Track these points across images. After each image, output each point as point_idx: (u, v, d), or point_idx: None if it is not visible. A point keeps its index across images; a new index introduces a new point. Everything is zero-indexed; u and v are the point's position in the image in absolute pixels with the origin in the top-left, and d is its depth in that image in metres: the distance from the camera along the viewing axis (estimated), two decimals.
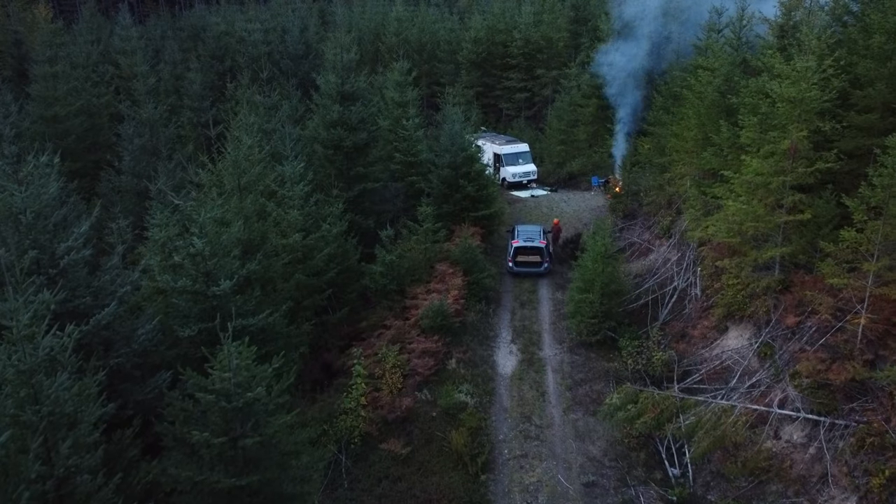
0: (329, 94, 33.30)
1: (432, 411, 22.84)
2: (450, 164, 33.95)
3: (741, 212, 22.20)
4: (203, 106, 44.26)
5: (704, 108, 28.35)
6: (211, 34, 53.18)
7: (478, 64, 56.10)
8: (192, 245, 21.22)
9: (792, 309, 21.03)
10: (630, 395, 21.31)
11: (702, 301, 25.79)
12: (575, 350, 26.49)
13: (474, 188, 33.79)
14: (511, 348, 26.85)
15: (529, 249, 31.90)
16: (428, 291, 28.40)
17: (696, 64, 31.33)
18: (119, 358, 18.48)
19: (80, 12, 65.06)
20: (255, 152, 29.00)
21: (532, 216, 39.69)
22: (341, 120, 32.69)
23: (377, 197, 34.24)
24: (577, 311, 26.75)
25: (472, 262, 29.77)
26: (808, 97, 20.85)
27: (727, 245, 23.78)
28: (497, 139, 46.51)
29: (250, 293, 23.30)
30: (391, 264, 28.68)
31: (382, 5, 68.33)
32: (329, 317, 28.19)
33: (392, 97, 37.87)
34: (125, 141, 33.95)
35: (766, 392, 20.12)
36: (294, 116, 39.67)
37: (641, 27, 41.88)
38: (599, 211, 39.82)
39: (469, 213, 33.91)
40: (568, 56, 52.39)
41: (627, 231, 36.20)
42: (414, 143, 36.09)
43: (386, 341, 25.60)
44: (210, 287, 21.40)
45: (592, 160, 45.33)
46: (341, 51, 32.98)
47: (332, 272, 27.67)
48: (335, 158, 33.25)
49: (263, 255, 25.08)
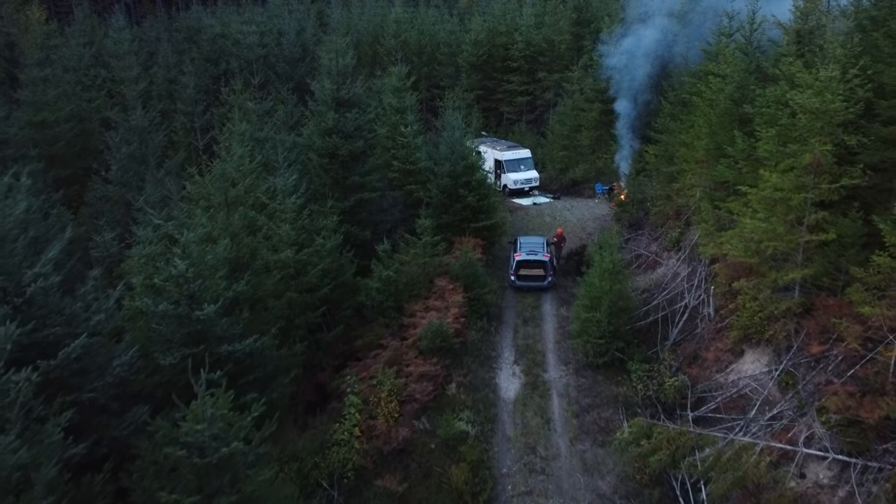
0: (324, 101, 31.64)
1: (431, 442, 21.24)
2: (449, 173, 32.29)
3: (759, 230, 20.57)
4: (196, 110, 42.67)
5: (716, 117, 26.71)
6: (205, 36, 51.44)
7: (478, 67, 54.39)
8: (174, 266, 19.65)
9: (816, 335, 19.41)
10: (643, 429, 19.68)
11: (715, 321, 24.16)
12: (581, 372, 24.87)
13: (475, 198, 32.14)
14: (514, 370, 25.23)
15: (532, 263, 30.25)
16: (427, 308, 26.79)
17: (706, 69, 29.67)
18: (92, 392, 16.87)
19: (76, 14, 63.41)
20: (245, 162, 27.42)
21: (534, 225, 38.06)
22: (337, 127, 31.06)
23: (374, 207, 32.63)
24: (583, 331, 25.13)
25: (473, 277, 28.15)
26: (832, 108, 19.22)
27: (743, 264, 22.11)
28: (498, 144, 44.83)
29: (238, 315, 21.72)
30: (388, 280, 27.08)
31: (381, 7, 66.56)
32: (323, 335, 26.60)
33: (390, 103, 36.21)
34: (112, 149, 32.26)
35: (789, 426, 18.49)
36: (289, 122, 38.10)
37: (647, 30, 40.29)
38: (604, 220, 38.20)
39: (469, 224, 32.27)
40: (570, 59, 50.72)
41: (633, 241, 34.57)
42: (412, 151, 34.47)
43: (382, 363, 24.00)
44: (194, 311, 19.83)
45: (596, 166, 43.71)
46: (337, 55, 31.30)
47: (326, 288, 26.11)
48: (330, 167, 31.64)
49: (253, 274, 23.51)
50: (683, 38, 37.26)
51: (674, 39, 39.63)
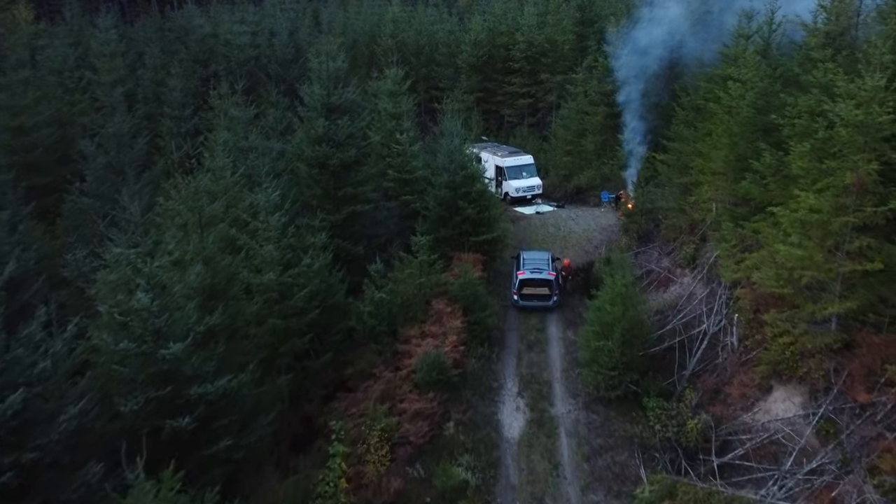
0: (314, 107, 29.17)
1: (426, 494, 18.87)
2: (448, 184, 29.85)
3: (793, 256, 18.14)
4: (184, 115, 40.15)
5: (737, 126, 24.26)
6: (194, 37, 48.86)
7: (478, 68, 51.82)
8: (137, 299, 17.25)
9: (860, 378, 17.03)
10: (665, 487, 17.30)
11: (739, 353, 21.76)
12: (591, 407, 22.48)
13: (475, 210, 29.69)
14: (518, 403, 22.83)
15: (537, 282, 27.81)
16: (423, 334, 24.41)
17: (724, 74, 27.19)
18: (34, 452, 14.49)
19: (64, 14, 60.78)
20: (227, 175, 24.98)
21: (537, 237, 35.61)
22: (327, 135, 28.64)
23: (368, 219, 30.21)
24: (593, 360, 22.73)
25: (473, 299, 25.75)
26: (878, 122, 16.79)
27: (773, 293, 19.67)
28: (499, 150, 42.32)
29: (212, 349, 19.33)
30: (381, 303, 24.66)
31: (378, 6, 63.92)
32: (311, 362, 24.23)
33: (385, 108, 33.73)
34: (88, 158, 29.78)
35: (833, 485, 16.10)
36: (279, 128, 35.63)
37: (657, 29, 37.82)
38: (611, 231, 35.73)
39: (469, 238, 29.85)
40: (574, 60, 48.19)
41: (643, 255, 32.14)
42: (409, 159, 32.01)
43: (373, 399, 21.58)
44: (159, 349, 17.45)
45: (601, 172, 41.22)
46: (327, 58, 28.82)
47: (313, 312, 23.73)
48: (321, 178, 29.22)
49: (232, 300, 21.11)
50: (697, 38, 34.75)
51: (686, 40, 37.21)
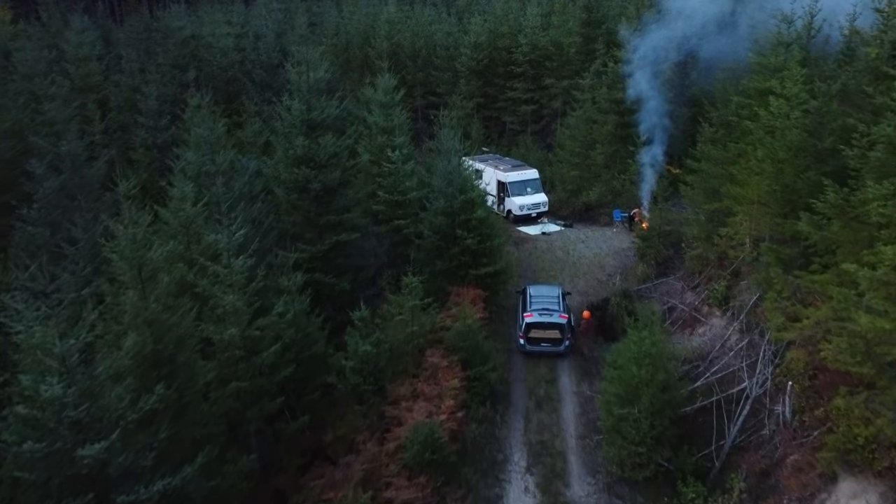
0: (292, 124, 25.16)
1: None
2: (444, 210, 25.85)
3: (876, 329, 14.14)
4: (160, 124, 36.14)
5: (783, 151, 20.22)
6: (173, 39, 44.67)
7: (478, 72, 47.63)
8: (47, 387, 13.34)
9: None
10: None
11: (793, 428, 17.78)
12: (614, 489, 18.58)
13: (475, 240, 25.67)
14: (527, 482, 18.91)
15: (546, 325, 23.84)
16: (414, 394, 20.51)
17: (761, 87, 23.18)
18: None
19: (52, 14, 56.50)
20: (186, 207, 20.96)
21: (544, 263, 31.63)
22: (307, 156, 24.65)
23: (354, 250, 26.23)
24: (616, 430, 18.82)
25: (474, 349, 21.81)
26: None
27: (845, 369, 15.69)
28: (501, 163, 38.20)
29: (153, 434, 15.46)
30: (366, 357, 20.70)
31: (374, 5, 59.61)
32: (284, 425, 20.35)
33: (375, 122, 29.69)
34: (35, 181, 25.77)
35: None
36: (258, 143, 31.61)
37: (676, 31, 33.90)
38: (625, 255, 31.72)
39: (469, 271, 25.87)
40: (580, 64, 44.06)
41: (663, 286, 28.16)
42: (401, 179, 27.98)
43: (354, 483, 17.63)
44: (76, 447, 13.57)
45: (611, 186, 37.16)
46: (307, 69, 24.76)
47: (287, 369, 19.83)
48: (300, 203, 25.24)
49: (182, 366, 17.18)
50: (721, 42, 30.78)
51: (707, 43, 33.26)
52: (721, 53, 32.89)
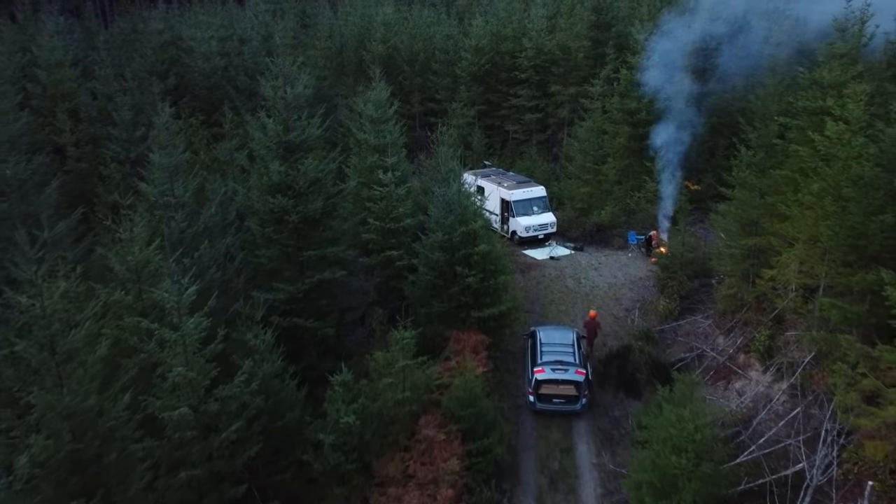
0: (267, 146, 21.46)
1: None
2: (443, 245, 22.16)
3: None
4: (133, 137, 32.42)
5: (850, 187, 16.52)
6: (151, 44, 40.88)
7: (480, 77, 43.82)
8: None
9: None
10: None
11: None
12: None
13: (478, 278, 21.99)
14: None
15: (560, 382, 20.18)
16: (405, 475, 16.93)
17: (812, 107, 19.48)
18: None
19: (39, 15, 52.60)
20: (135, 250, 17.27)
21: (552, 293, 28.00)
22: (284, 183, 20.97)
23: (340, 289, 22.58)
24: None
25: (476, 417, 18.12)
26: None
27: None
28: (505, 179, 34.45)
29: None
30: (347, 430, 17.05)
31: (370, 6, 55.71)
32: None
33: (366, 139, 26.00)
34: None
35: None
36: (236, 162, 27.88)
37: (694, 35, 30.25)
38: (643, 286, 28.07)
39: (470, 313, 22.23)
40: (589, 70, 40.35)
41: (689, 326, 24.52)
42: (395, 204, 24.33)
43: None
44: None
45: (624, 205, 33.49)
46: (283, 84, 21.02)
47: (252, 448, 16.26)
48: (278, 237, 21.55)
49: (112, 467, 13.54)
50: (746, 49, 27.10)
51: (732, 49, 29.63)
52: (741, 60, 29.39)
